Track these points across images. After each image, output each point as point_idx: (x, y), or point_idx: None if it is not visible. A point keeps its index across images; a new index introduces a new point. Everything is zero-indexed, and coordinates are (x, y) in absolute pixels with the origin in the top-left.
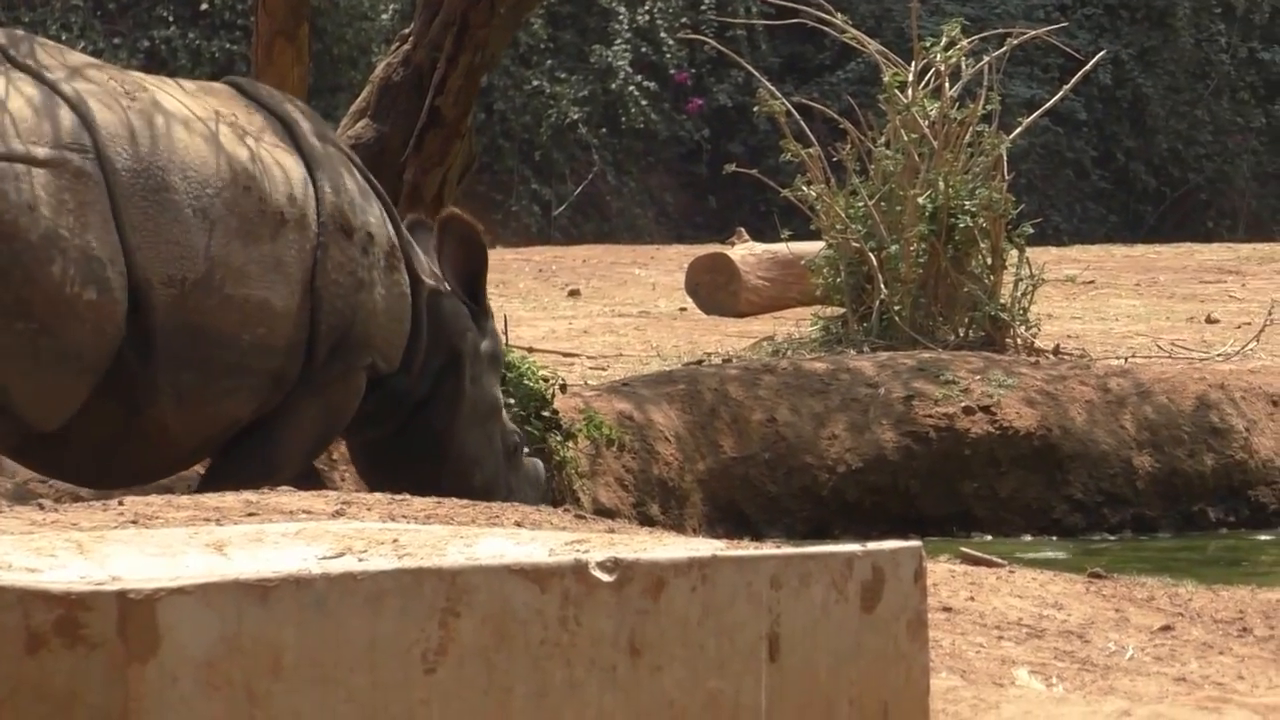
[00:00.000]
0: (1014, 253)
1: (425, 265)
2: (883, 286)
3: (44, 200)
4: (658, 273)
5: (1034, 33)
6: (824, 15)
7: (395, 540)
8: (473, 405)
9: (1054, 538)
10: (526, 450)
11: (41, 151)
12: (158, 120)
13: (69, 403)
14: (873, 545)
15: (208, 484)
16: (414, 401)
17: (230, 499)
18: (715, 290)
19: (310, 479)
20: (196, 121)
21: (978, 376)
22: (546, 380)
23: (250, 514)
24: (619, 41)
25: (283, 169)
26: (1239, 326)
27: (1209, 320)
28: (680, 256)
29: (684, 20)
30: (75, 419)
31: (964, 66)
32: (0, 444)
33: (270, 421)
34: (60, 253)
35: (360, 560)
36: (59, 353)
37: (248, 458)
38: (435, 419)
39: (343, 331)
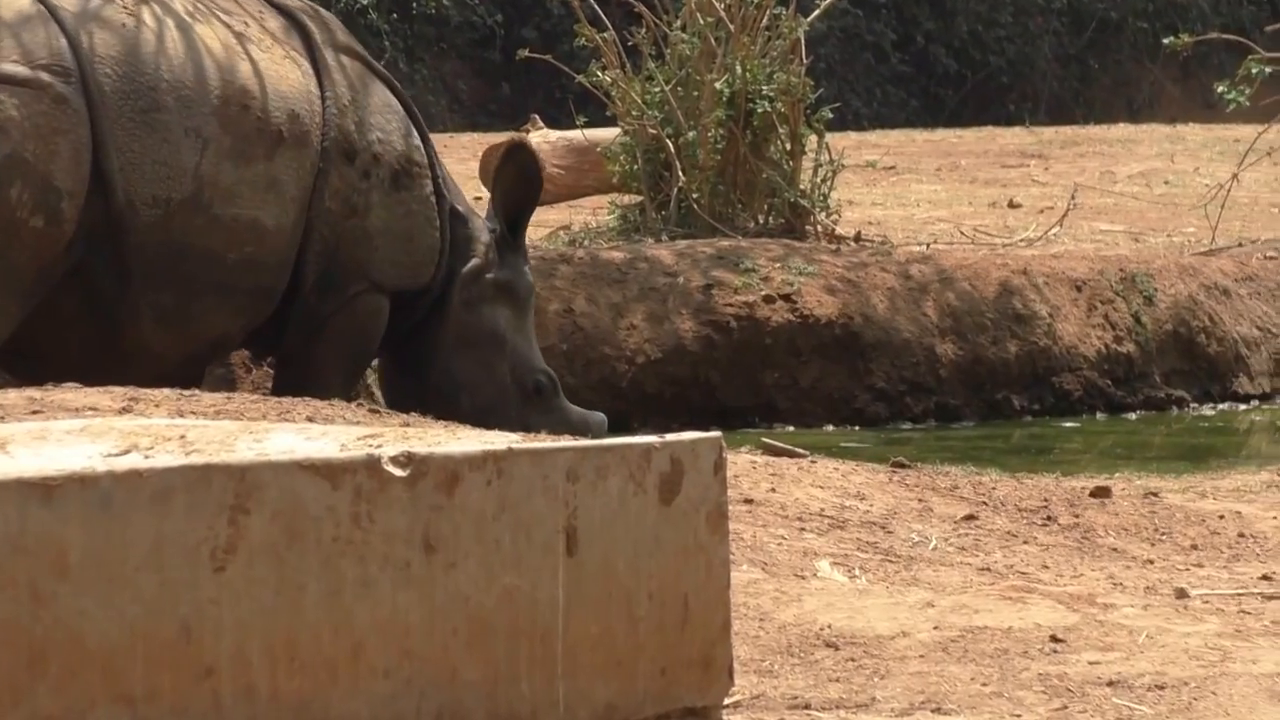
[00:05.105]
0: (813, 138)
1: (445, 181)
2: (680, 173)
3: (15, 121)
4: (451, 161)
5: None
6: None
7: (183, 436)
8: (461, 329)
9: (856, 428)
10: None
11: (21, 71)
12: (154, 40)
13: (4, 325)
14: (671, 436)
15: None
16: (416, 317)
17: (13, 395)
18: None
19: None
20: (202, 36)
21: (778, 264)
22: None
23: (34, 411)
24: None
25: (290, 83)
26: (1041, 211)
27: (1011, 205)
28: (474, 145)
29: None
30: (51, 338)
31: None
32: None
33: (294, 359)
34: (20, 177)
35: (146, 457)
36: None
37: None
38: (423, 337)
39: (328, 257)
